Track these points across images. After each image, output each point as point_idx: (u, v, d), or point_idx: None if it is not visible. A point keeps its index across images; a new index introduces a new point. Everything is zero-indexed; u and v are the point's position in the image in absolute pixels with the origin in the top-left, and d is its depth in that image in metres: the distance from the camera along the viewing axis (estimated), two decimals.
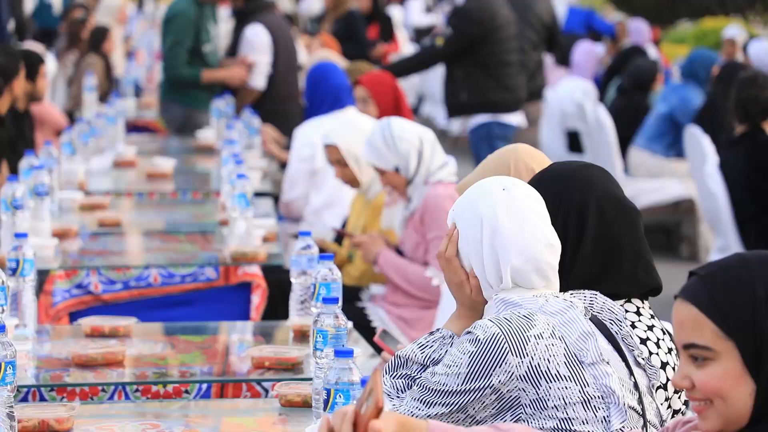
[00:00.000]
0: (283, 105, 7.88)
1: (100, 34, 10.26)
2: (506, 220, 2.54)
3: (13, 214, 4.35)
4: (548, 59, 11.46)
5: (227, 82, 7.87)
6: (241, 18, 8.01)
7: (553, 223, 2.60)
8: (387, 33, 11.17)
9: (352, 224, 5.05)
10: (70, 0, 17.97)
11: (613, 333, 2.57)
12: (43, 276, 4.17)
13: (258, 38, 7.83)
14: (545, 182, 2.72)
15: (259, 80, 7.85)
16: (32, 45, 9.80)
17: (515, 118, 7.65)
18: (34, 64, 6.99)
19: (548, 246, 2.56)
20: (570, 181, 2.73)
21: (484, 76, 7.52)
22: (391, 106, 5.69)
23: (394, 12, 13.72)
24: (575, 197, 2.71)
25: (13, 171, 5.59)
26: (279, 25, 8.08)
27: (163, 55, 8.03)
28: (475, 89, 7.52)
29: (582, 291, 2.62)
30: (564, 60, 11.16)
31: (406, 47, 11.66)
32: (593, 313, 2.58)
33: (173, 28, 7.83)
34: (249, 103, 7.82)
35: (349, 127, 5.02)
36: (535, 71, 8.37)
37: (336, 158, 4.92)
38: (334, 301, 2.95)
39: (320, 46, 8.33)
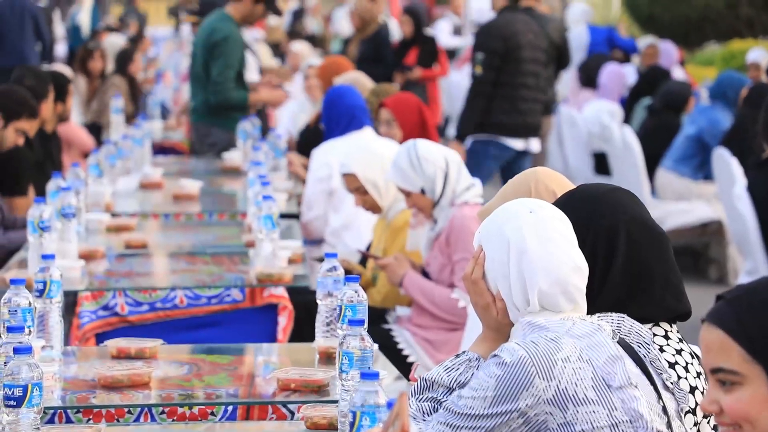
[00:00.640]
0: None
1: (126, 56, 10.35)
2: (533, 243, 2.52)
3: (40, 235, 4.37)
4: (574, 81, 11.44)
5: (269, 103, 7.89)
6: None
7: (581, 247, 2.58)
8: (429, 57, 11.05)
9: (374, 247, 5.05)
10: (96, 23, 18.19)
11: (641, 356, 2.55)
12: (70, 297, 4.18)
13: (249, 60, 7.86)
14: (573, 205, 2.71)
15: None
16: (59, 67, 9.89)
17: (519, 144, 7.69)
18: (63, 85, 7.05)
19: (576, 269, 2.54)
20: (598, 204, 2.72)
21: (498, 96, 7.60)
22: (416, 128, 5.68)
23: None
24: (604, 221, 2.69)
25: (41, 193, 5.62)
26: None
27: (208, 79, 7.75)
28: (486, 108, 7.59)
29: (609, 314, 2.61)
30: (590, 81, 11.12)
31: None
32: (621, 336, 2.56)
33: (225, 51, 7.66)
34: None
35: (365, 152, 5.00)
36: (546, 87, 8.44)
37: (355, 186, 4.90)
38: (360, 323, 2.94)
39: (313, 77, 8.39)
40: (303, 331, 4.50)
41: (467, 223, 4.41)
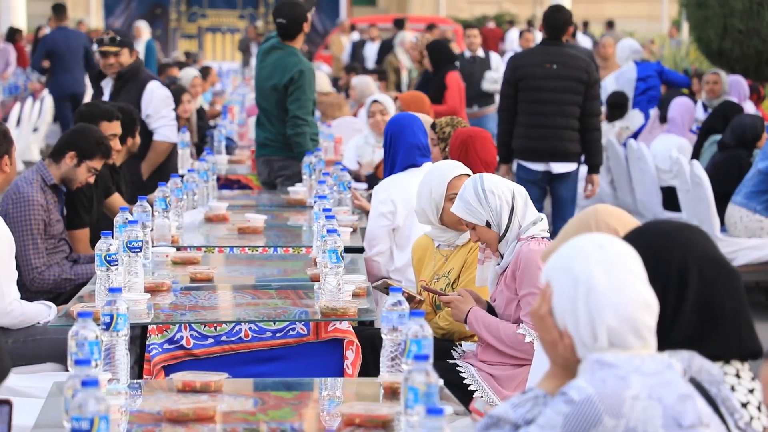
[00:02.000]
0: (171, 157, 7.97)
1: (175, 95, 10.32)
2: (602, 279, 2.48)
3: (107, 269, 4.40)
4: (653, 117, 11.35)
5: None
6: (129, 77, 7.72)
7: (652, 283, 2.54)
8: (436, 93, 11.28)
9: (428, 272, 5.01)
10: (154, 57, 18.47)
11: (712, 395, 2.50)
12: (137, 330, 4.19)
13: (164, 92, 7.77)
14: (643, 241, 2.67)
15: (174, 134, 7.86)
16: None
17: (539, 166, 8.20)
18: (134, 119, 7.14)
19: (645, 306, 2.50)
20: (669, 241, 2.68)
21: (517, 122, 8.24)
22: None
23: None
24: (676, 258, 2.65)
25: (108, 227, 5.67)
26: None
27: (286, 114, 7.83)
28: (512, 133, 8.26)
29: (679, 351, 2.56)
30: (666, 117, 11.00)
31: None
32: (691, 374, 2.52)
33: (302, 84, 7.72)
34: (163, 159, 7.74)
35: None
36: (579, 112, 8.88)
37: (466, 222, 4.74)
38: (425, 358, 2.92)
39: (378, 112, 8.51)
40: (368, 366, 4.48)
41: (534, 258, 4.37)
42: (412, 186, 5.62)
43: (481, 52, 13.40)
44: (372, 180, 8.13)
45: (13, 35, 20.03)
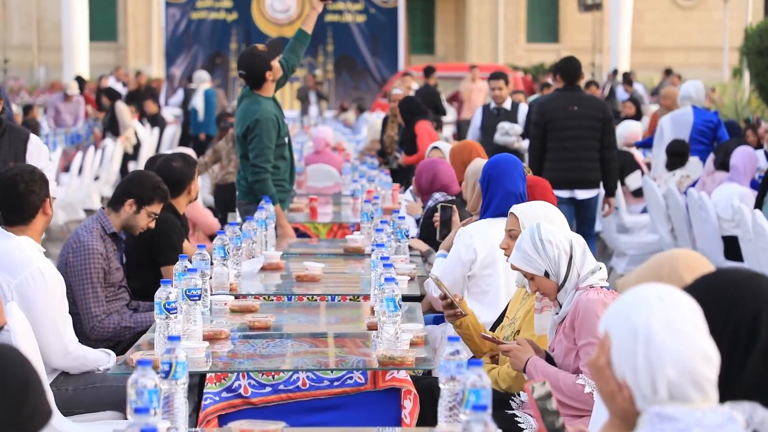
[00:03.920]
0: None
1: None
2: (662, 332, 2.45)
3: (166, 317, 4.42)
4: (709, 163, 11.26)
5: (282, 230, 7.91)
6: (5, 128, 6.97)
7: (721, 331, 2.50)
8: (410, 146, 11.93)
9: (512, 313, 5.02)
10: (213, 106, 18.67)
11: None
12: (195, 378, 4.20)
13: (45, 146, 7.50)
14: (714, 286, 2.63)
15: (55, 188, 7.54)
16: (185, 150, 10.17)
17: (566, 193, 9.71)
18: (193, 167, 7.22)
19: (706, 359, 2.46)
20: (742, 290, 2.64)
21: (547, 154, 9.72)
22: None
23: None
24: (748, 307, 2.61)
25: (168, 275, 5.72)
26: None
27: (250, 161, 7.99)
28: (541, 167, 9.71)
29: (741, 403, 2.52)
30: (724, 165, 10.92)
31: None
32: (754, 427, 2.48)
33: (258, 133, 7.90)
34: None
35: None
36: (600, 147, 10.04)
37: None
38: (484, 408, 2.90)
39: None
40: (426, 415, 4.46)
41: (592, 307, 4.34)
42: (496, 236, 5.57)
43: (508, 104, 12.67)
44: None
45: (81, 85, 20.36)
